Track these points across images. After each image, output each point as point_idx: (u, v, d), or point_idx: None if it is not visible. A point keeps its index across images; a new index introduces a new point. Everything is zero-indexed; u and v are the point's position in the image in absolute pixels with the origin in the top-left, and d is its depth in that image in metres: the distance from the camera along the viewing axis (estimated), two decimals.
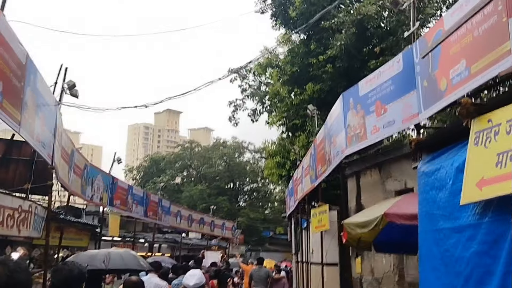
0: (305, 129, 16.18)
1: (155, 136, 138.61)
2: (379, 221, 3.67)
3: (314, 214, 9.57)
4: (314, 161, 9.85)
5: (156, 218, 16.65)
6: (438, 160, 3.03)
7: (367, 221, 3.83)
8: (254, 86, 23.69)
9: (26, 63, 4.85)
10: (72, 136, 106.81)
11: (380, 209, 3.97)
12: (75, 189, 9.73)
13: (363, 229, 3.85)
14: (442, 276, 2.96)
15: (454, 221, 2.84)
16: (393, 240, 4.85)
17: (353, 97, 6.79)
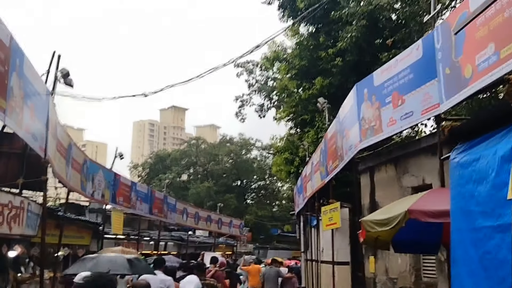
0: (314, 125, 15.72)
1: (161, 133, 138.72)
2: (401, 218, 3.25)
3: (325, 212, 9.14)
4: (324, 156, 9.42)
5: (162, 216, 16.35)
6: (477, 149, 2.60)
7: (388, 219, 3.40)
8: (261, 81, 23.26)
9: (10, 45, 4.49)
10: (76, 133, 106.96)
11: (401, 206, 3.54)
12: (74, 185, 9.41)
13: (384, 227, 3.43)
14: (481, 282, 2.54)
15: (497, 218, 2.42)
16: (411, 239, 4.43)
17: (368, 87, 6.34)
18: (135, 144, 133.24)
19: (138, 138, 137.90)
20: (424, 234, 4.35)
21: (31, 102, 5.50)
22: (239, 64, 23.06)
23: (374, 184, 6.75)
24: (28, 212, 5.85)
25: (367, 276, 6.65)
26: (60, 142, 7.92)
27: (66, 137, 8.59)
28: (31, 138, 5.51)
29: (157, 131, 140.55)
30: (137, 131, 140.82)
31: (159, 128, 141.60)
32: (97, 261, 5.93)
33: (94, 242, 12.54)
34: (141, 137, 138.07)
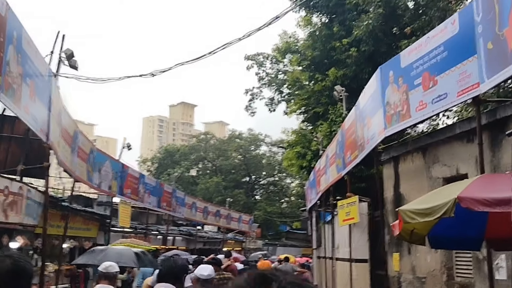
0: (327, 118, 15.17)
1: (170, 129, 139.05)
2: (450, 207, 2.74)
3: (342, 206, 8.63)
4: (341, 148, 8.89)
5: (170, 209, 15.99)
6: None
7: (432, 208, 2.90)
8: (271, 74, 22.74)
9: (6, 15, 4.07)
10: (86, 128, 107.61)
11: (446, 194, 3.04)
12: (80, 175, 9.04)
13: (427, 218, 2.94)
14: None
15: None
16: (449, 234, 3.90)
17: (394, 69, 5.80)
18: (145, 139, 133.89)
19: (147, 134, 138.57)
20: (464, 228, 3.83)
21: (30, 80, 5.09)
22: (250, 56, 22.60)
23: (399, 175, 6.22)
24: (27, 200, 5.46)
25: (390, 275, 6.14)
26: (65, 129, 7.53)
27: (72, 124, 8.20)
28: (30, 119, 5.10)
29: (167, 127, 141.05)
30: (147, 127, 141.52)
31: (168, 124, 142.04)
32: (105, 253, 5.94)
33: (101, 234, 12.20)
34: (150, 133, 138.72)
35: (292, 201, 35.53)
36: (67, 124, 7.74)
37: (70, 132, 8.06)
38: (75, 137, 8.44)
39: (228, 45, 6.39)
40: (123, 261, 5.76)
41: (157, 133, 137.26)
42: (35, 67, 5.29)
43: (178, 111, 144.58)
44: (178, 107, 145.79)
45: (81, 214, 10.76)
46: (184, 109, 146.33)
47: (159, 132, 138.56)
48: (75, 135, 8.45)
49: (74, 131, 8.34)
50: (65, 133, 7.60)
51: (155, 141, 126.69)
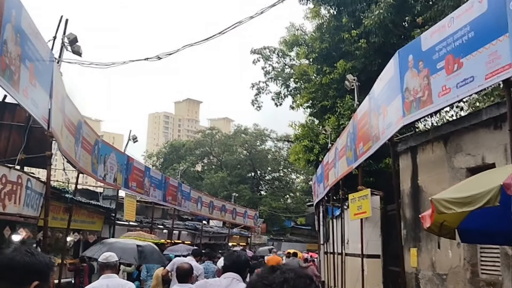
0: (335, 111, 14.78)
1: (175, 126, 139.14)
2: (494, 194, 2.38)
3: (353, 200, 8.27)
4: (353, 139, 8.52)
5: (176, 204, 15.71)
6: None
7: (472, 196, 2.54)
8: (278, 68, 22.33)
9: None
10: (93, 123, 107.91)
11: (486, 181, 2.67)
12: (84, 166, 8.76)
13: (466, 207, 2.59)
14: None
15: None
16: (480, 227, 3.55)
17: (414, 53, 5.41)
18: (151, 135, 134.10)
19: (153, 130, 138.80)
20: (496, 221, 3.45)
21: (30, 63, 4.77)
22: (256, 50, 22.21)
23: (417, 166, 5.84)
24: (27, 189, 5.16)
25: (407, 271, 5.78)
26: (68, 118, 7.23)
27: (76, 114, 7.90)
28: (30, 104, 4.79)
29: (172, 123, 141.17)
30: (153, 123, 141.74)
31: (173, 120, 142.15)
32: (110, 247, 5.93)
33: (106, 228, 11.93)
34: (156, 129, 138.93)
35: (297, 197, 35.19)
36: (71, 113, 7.44)
37: (74, 122, 7.76)
38: (79, 127, 8.15)
39: (238, 24, 6.03)
40: (125, 257, 5.87)
41: (163, 129, 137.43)
42: (36, 49, 4.98)
43: (184, 108, 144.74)
44: (183, 104, 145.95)
45: (86, 207, 10.48)
46: (190, 105, 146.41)
47: (165, 128, 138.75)
48: (79, 125, 8.15)
49: (78, 121, 8.04)
50: (69, 122, 7.31)
51: (160, 137, 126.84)
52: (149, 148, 75.27)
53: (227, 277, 3.10)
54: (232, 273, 3.11)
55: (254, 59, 22.04)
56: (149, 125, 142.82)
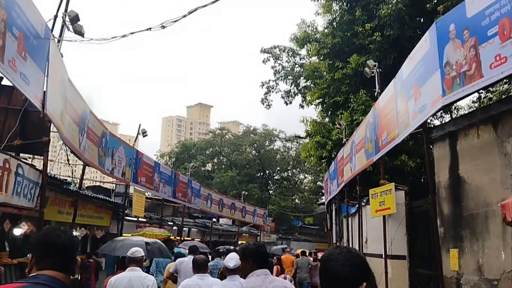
0: (348, 107, 13.86)
1: (188, 129, 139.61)
2: None
3: (374, 195, 7.35)
4: (374, 130, 7.61)
5: (185, 200, 14.89)
6: None
7: None
8: (287, 67, 21.47)
9: None
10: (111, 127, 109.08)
11: None
12: (90, 158, 7.99)
13: None
14: None
15: None
16: None
17: (456, 22, 4.49)
18: (164, 138, 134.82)
19: (166, 133, 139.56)
20: None
21: (19, 32, 4.00)
22: (266, 49, 21.40)
23: (457, 154, 4.91)
24: (17, 176, 4.37)
25: (446, 276, 4.83)
26: (71, 105, 6.47)
27: (80, 102, 7.13)
28: (19, 79, 4.01)
29: (184, 126, 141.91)
30: (166, 126, 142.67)
31: (186, 124, 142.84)
32: (121, 245, 6.06)
33: (114, 223, 11.14)
34: (169, 132, 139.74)
35: (305, 196, 34.14)
36: (73, 100, 6.67)
37: (78, 110, 6.99)
38: (84, 117, 7.38)
39: None
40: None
41: (176, 132, 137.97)
42: (26, 18, 4.20)
43: (195, 112, 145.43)
44: (195, 108, 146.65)
45: (93, 202, 9.70)
46: (201, 109, 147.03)
47: (178, 131, 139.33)
48: (84, 114, 7.38)
49: (82, 110, 7.27)
50: (71, 109, 6.54)
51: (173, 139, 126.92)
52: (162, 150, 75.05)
53: (261, 274, 2.85)
54: (263, 269, 2.89)
55: (264, 58, 21.27)
56: (162, 128, 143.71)
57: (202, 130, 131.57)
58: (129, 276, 3.88)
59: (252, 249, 2.99)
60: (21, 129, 5.30)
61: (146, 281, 3.92)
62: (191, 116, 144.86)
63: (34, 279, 1.42)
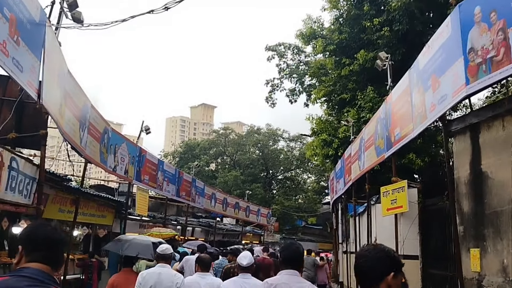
0: (355, 104, 13.50)
1: (191, 129, 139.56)
2: None
3: (386, 193, 6.99)
4: (385, 126, 7.25)
5: (189, 199, 14.58)
6: None
7: None
8: (292, 65, 21.12)
9: None
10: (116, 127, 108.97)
11: None
12: (92, 155, 7.69)
13: None
14: None
15: None
16: None
17: (481, 4, 4.15)
18: (168, 138, 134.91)
19: (170, 133, 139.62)
20: None
21: (11, 13, 3.68)
22: (271, 47, 21.06)
23: (479, 147, 4.55)
24: (11, 171, 4.06)
25: (466, 277, 4.47)
26: (71, 98, 6.16)
27: (81, 95, 6.83)
28: (10, 64, 3.69)
29: (188, 126, 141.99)
30: (170, 127, 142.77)
31: (189, 124, 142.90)
32: (130, 244, 6.12)
33: (117, 222, 10.83)
34: (173, 132, 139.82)
35: (309, 196, 33.75)
36: (73, 93, 6.37)
37: (79, 104, 6.69)
38: (85, 111, 7.08)
39: None
40: (143, 253, 6.09)
41: (179, 132, 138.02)
42: (19, 0, 3.89)
43: (199, 112, 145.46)
44: (198, 108, 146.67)
45: (95, 200, 9.39)
46: (204, 110, 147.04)
47: (181, 131, 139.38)
48: (85, 108, 7.08)
49: (83, 103, 6.97)
50: (71, 102, 6.23)
51: (177, 139, 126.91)
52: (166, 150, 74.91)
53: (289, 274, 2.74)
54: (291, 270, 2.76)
55: (268, 56, 20.92)
56: (166, 128, 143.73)
57: (206, 131, 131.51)
58: (159, 271, 4.02)
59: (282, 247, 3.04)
60: (17, 122, 5.01)
61: (176, 278, 4.03)
62: (194, 116, 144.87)
63: (18, 272, 1.45)
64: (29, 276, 1.42)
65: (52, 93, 5.04)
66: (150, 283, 3.91)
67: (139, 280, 3.98)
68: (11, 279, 1.41)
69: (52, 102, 5.06)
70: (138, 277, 4.04)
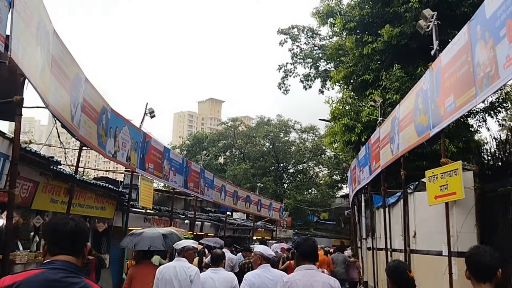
0: (379, 85, 12.39)
1: (199, 124, 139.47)
2: None
3: (432, 177, 5.93)
4: (430, 97, 6.16)
5: (198, 191, 13.64)
6: None
7: None
8: (306, 50, 19.98)
9: None
10: None
11: None
12: (87, 137, 6.77)
13: None
14: None
15: None
16: None
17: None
18: (176, 133, 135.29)
19: (178, 128, 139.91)
20: None
21: None
22: (283, 30, 19.93)
23: None
24: None
25: None
26: (57, 62, 5.23)
27: (72, 64, 5.88)
28: None
29: (196, 121, 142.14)
30: (178, 122, 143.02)
31: (197, 119, 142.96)
32: (141, 238, 6.20)
33: (118, 215, 9.92)
34: (181, 127, 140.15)
35: (322, 190, 32.64)
36: (61, 59, 5.43)
37: (68, 74, 5.75)
38: (77, 83, 6.13)
39: None
40: (154, 245, 6.16)
41: (187, 127, 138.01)
42: None
43: (207, 107, 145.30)
44: (206, 103, 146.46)
45: (93, 189, 8.47)
46: (212, 105, 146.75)
47: (189, 126, 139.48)
48: (77, 80, 6.13)
49: (74, 74, 6.03)
50: (58, 70, 5.29)
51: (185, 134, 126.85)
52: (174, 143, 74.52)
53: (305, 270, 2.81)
54: (308, 265, 2.82)
55: (281, 40, 19.81)
56: (174, 124, 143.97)
57: (214, 126, 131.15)
58: (175, 265, 4.27)
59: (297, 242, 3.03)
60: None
61: (189, 271, 4.19)
62: (202, 111, 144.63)
63: (50, 264, 1.56)
64: (62, 268, 1.53)
65: (29, 50, 4.10)
66: (167, 276, 4.15)
67: (157, 275, 4.22)
68: (47, 271, 1.52)
69: (29, 61, 4.12)
70: (157, 272, 4.27)
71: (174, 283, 4.07)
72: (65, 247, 1.57)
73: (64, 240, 1.58)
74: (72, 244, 1.59)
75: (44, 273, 1.48)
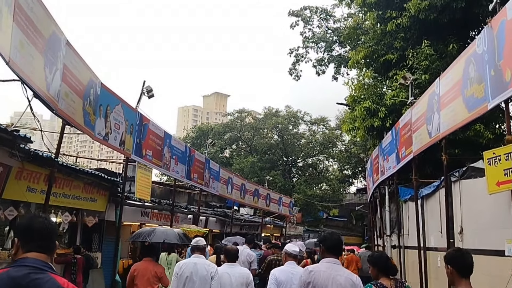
0: (404, 65, 11.25)
1: (204, 118, 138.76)
2: None
3: (492, 160, 4.82)
4: (486, 62, 5.01)
5: (202, 183, 12.62)
6: None
7: None
8: (319, 33, 18.78)
9: None
10: None
11: None
12: (70, 114, 5.76)
13: None
14: None
15: None
16: None
17: None
18: (180, 128, 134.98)
19: (182, 123, 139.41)
20: None
21: None
22: (294, 12, 18.72)
23: None
24: None
25: None
26: (22, 9, 4.19)
27: (48, 21, 4.84)
28: None
29: (200, 116, 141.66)
30: (182, 116, 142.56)
31: (202, 114, 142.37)
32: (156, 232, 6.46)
33: (111, 208, 8.88)
34: (185, 122, 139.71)
35: (333, 185, 31.47)
36: (29, 8, 4.38)
37: (42, 31, 4.72)
38: (53, 44, 5.09)
39: None
40: (169, 238, 6.37)
41: (192, 122, 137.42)
42: None
43: (212, 101, 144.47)
44: (211, 97, 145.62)
45: (79, 177, 7.43)
46: (217, 99, 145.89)
47: (194, 121, 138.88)
48: (54, 40, 5.09)
49: (51, 32, 4.99)
50: (24, 18, 4.26)
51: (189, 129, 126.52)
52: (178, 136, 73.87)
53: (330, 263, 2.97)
54: (332, 259, 2.99)
55: (292, 23, 18.63)
56: (179, 118, 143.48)
57: (219, 120, 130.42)
58: (195, 261, 4.33)
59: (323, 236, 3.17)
60: None
61: (210, 268, 4.30)
62: (207, 105, 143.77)
63: (18, 262, 1.58)
64: (28, 265, 1.55)
65: None
66: (187, 272, 4.23)
67: (176, 271, 4.30)
68: (11, 269, 1.55)
69: None
70: (175, 267, 4.37)
71: (194, 279, 4.17)
72: (39, 244, 1.61)
73: (39, 238, 1.62)
74: (46, 241, 1.64)
75: (8, 272, 1.53)
